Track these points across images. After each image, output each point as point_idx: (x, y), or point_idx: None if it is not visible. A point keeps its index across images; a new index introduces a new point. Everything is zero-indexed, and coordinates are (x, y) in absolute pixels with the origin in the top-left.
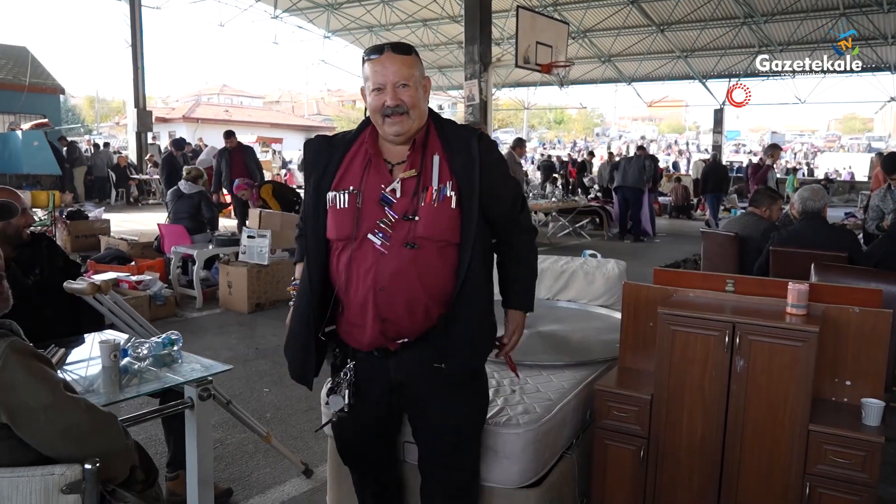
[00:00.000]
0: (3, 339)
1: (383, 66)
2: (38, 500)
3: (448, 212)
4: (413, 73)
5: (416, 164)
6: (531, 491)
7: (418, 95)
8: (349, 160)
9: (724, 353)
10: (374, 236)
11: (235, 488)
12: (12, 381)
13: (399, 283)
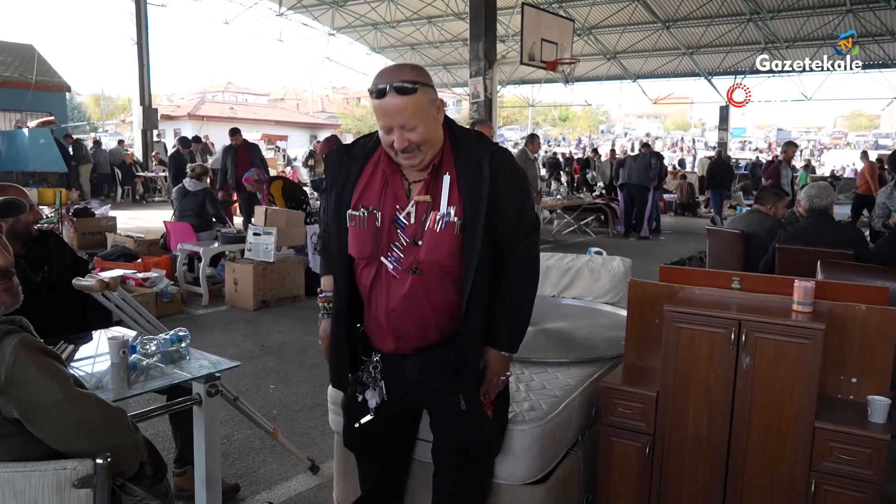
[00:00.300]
0: (14, 336)
1: (387, 110)
2: (50, 493)
3: (450, 237)
4: (419, 110)
5: (430, 188)
6: (537, 487)
7: (428, 129)
8: (369, 173)
9: (729, 350)
10: (387, 260)
11: (242, 484)
12: (23, 377)
13: (408, 306)
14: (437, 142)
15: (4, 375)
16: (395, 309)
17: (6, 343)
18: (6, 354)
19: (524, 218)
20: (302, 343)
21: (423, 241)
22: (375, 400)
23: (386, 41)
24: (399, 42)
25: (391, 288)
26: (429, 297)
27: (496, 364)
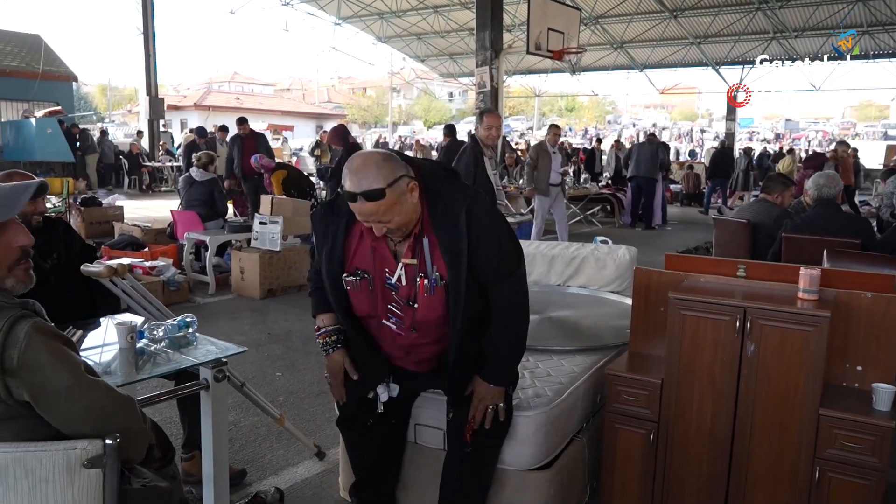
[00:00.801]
0: (28, 320)
1: (360, 211)
2: (60, 473)
3: (441, 298)
4: (392, 206)
5: (415, 251)
6: (542, 473)
7: (404, 214)
8: (357, 235)
9: (734, 337)
10: (388, 322)
11: (249, 469)
12: (35, 361)
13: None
14: (415, 215)
15: (17, 359)
16: (409, 351)
17: (20, 327)
18: (19, 338)
19: (505, 261)
20: (308, 332)
21: (418, 303)
22: (388, 394)
23: (392, 30)
24: (405, 31)
25: (397, 341)
26: (436, 341)
27: (482, 391)
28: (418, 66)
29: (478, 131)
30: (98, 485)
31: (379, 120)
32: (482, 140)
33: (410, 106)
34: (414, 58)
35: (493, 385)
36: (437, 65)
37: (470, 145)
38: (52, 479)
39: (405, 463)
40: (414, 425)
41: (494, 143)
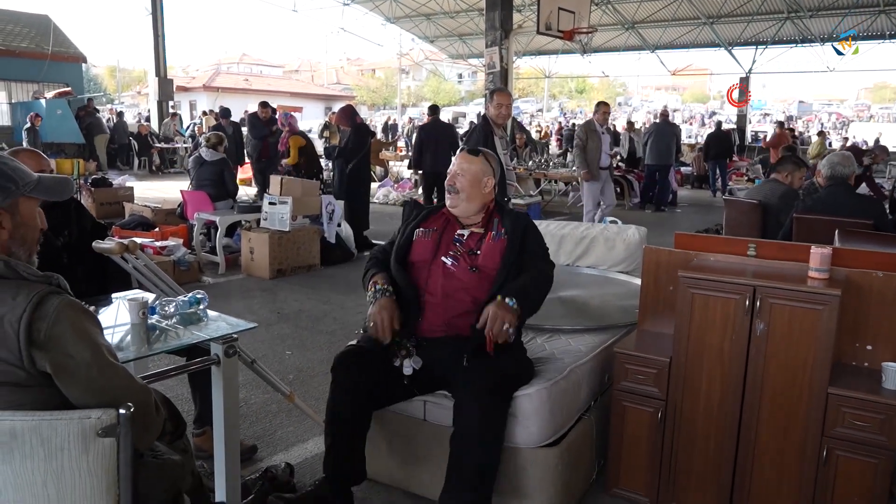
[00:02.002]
0: (58, 296)
1: (456, 159)
2: (75, 442)
3: (500, 248)
4: (470, 167)
5: (484, 223)
6: (550, 450)
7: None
8: (436, 217)
9: (744, 316)
10: (446, 258)
11: (260, 445)
12: (61, 335)
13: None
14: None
15: (45, 332)
16: (450, 294)
17: (50, 302)
18: (48, 312)
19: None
20: (317, 311)
21: (481, 250)
22: (412, 367)
23: (401, 11)
24: (414, 12)
25: (449, 279)
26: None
27: (497, 306)
28: (427, 47)
29: (488, 110)
30: (112, 454)
31: (388, 102)
32: (492, 119)
33: (419, 87)
34: (423, 39)
35: (502, 297)
36: (447, 46)
37: (480, 124)
38: (68, 447)
39: (416, 440)
40: (424, 402)
41: (505, 123)
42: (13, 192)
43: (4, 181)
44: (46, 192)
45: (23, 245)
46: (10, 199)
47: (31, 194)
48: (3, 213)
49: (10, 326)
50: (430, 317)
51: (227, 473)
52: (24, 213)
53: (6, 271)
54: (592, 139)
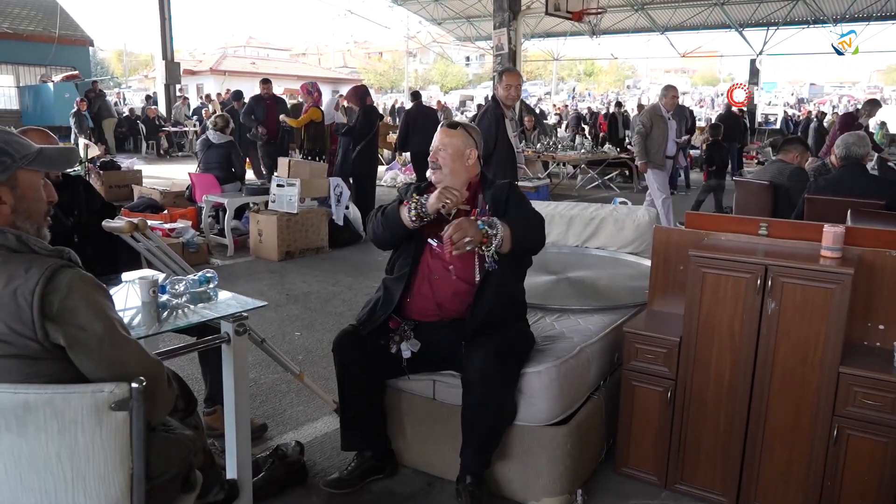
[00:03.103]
0: (72, 270)
1: (437, 135)
2: (89, 415)
3: None
4: (451, 141)
5: (469, 202)
6: (559, 428)
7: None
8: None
9: (755, 295)
10: (432, 240)
11: (270, 424)
12: (74, 308)
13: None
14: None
15: (57, 304)
16: (440, 277)
17: (63, 275)
18: (61, 285)
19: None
20: (325, 293)
21: None
22: (411, 351)
23: None
24: None
25: (435, 261)
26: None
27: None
28: (435, 29)
29: (497, 91)
30: (125, 428)
31: (395, 85)
32: (502, 100)
33: (427, 71)
34: (431, 21)
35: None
36: (454, 28)
37: (490, 106)
38: (81, 420)
39: (426, 419)
40: (433, 381)
41: (514, 104)
42: (10, 166)
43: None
44: (48, 163)
45: (28, 219)
46: (7, 172)
47: (30, 166)
48: (3, 187)
49: (23, 299)
50: (421, 300)
51: (239, 451)
52: (24, 187)
53: (18, 245)
54: (658, 126)
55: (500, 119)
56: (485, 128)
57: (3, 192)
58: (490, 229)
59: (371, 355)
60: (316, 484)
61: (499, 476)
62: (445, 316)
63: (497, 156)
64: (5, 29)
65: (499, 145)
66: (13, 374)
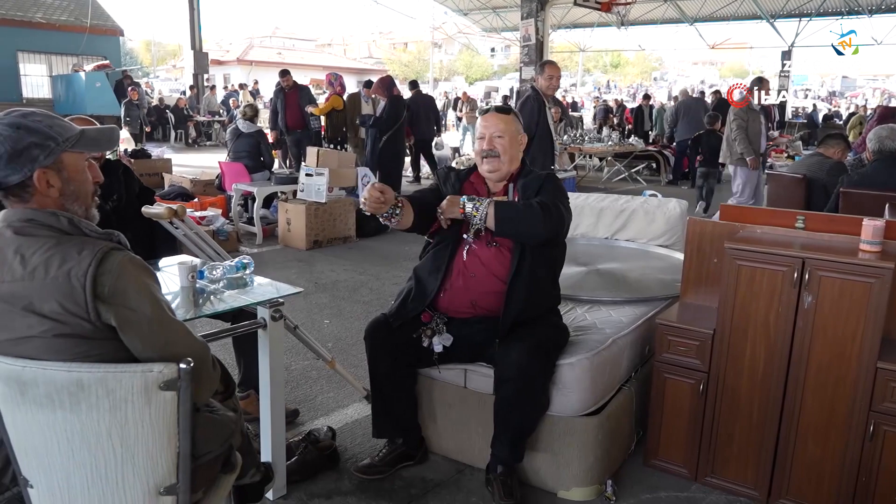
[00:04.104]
0: (122, 252)
1: (487, 122)
2: (138, 394)
3: None
4: (507, 127)
5: (505, 190)
6: (590, 419)
7: (510, 144)
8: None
9: (791, 288)
10: (467, 234)
11: (301, 410)
12: (124, 289)
13: (484, 271)
14: (515, 163)
15: (109, 286)
16: (475, 274)
17: (113, 257)
18: (113, 267)
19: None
20: (353, 281)
21: None
22: (442, 344)
23: None
24: None
25: (471, 256)
26: (499, 264)
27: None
28: (460, 20)
29: (537, 82)
30: (173, 407)
31: (419, 76)
32: (543, 91)
33: (452, 62)
34: (456, 11)
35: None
36: (480, 19)
37: (532, 95)
38: (131, 399)
39: (457, 407)
40: (464, 370)
41: (553, 95)
42: (55, 150)
43: (43, 139)
44: (91, 144)
45: (76, 201)
46: (53, 156)
47: (74, 149)
48: (49, 171)
49: (76, 280)
50: (455, 296)
51: (273, 434)
52: (70, 169)
53: (70, 228)
54: (754, 121)
55: (542, 107)
56: (527, 114)
57: (49, 176)
58: (471, 207)
59: (402, 345)
60: (347, 469)
61: (529, 465)
62: (479, 313)
63: (538, 143)
64: (39, 19)
65: (539, 132)
66: (67, 353)
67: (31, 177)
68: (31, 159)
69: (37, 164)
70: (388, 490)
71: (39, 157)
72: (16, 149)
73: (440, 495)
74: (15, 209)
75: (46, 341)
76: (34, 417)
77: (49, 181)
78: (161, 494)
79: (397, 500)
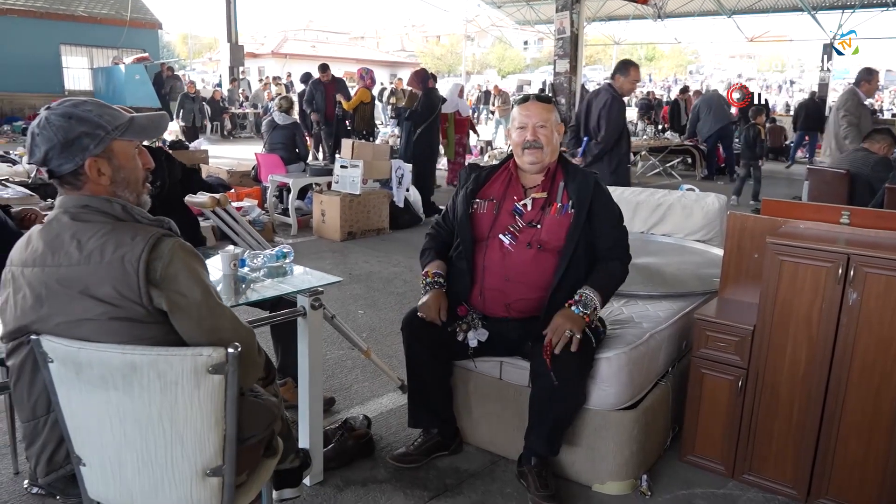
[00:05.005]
0: (173, 239)
1: (529, 111)
2: (188, 377)
3: (566, 223)
4: (549, 119)
5: (547, 188)
6: (626, 413)
7: (551, 133)
8: (493, 180)
9: (836, 285)
10: (503, 236)
11: (337, 398)
12: (175, 275)
13: (522, 274)
14: (555, 151)
15: (161, 271)
16: (510, 278)
17: (165, 243)
18: (164, 252)
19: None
20: (387, 273)
21: (543, 225)
22: (478, 339)
23: None
24: None
25: (508, 259)
26: (538, 268)
27: (559, 318)
28: (494, 12)
29: (618, 80)
30: (220, 390)
31: (452, 69)
32: (622, 91)
33: (484, 55)
34: (490, 4)
35: (570, 309)
36: (514, 11)
37: (613, 94)
38: (181, 381)
39: (491, 398)
40: (500, 362)
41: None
42: (104, 138)
43: (93, 128)
44: (141, 132)
45: (127, 188)
46: (102, 145)
47: (123, 137)
48: (100, 159)
49: (130, 265)
50: (489, 299)
51: (311, 421)
52: (120, 157)
53: (123, 214)
54: (866, 116)
55: (624, 108)
56: (615, 116)
57: (100, 164)
58: (585, 309)
59: (438, 337)
60: (382, 457)
61: (564, 458)
62: (513, 315)
63: (623, 145)
64: (80, 12)
65: (624, 134)
66: (121, 336)
67: (83, 165)
68: (82, 148)
69: (87, 153)
70: (422, 479)
71: (90, 145)
72: (67, 138)
73: (474, 486)
74: (71, 195)
75: (102, 324)
76: (88, 398)
77: (100, 169)
78: (207, 475)
79: (432, 490)
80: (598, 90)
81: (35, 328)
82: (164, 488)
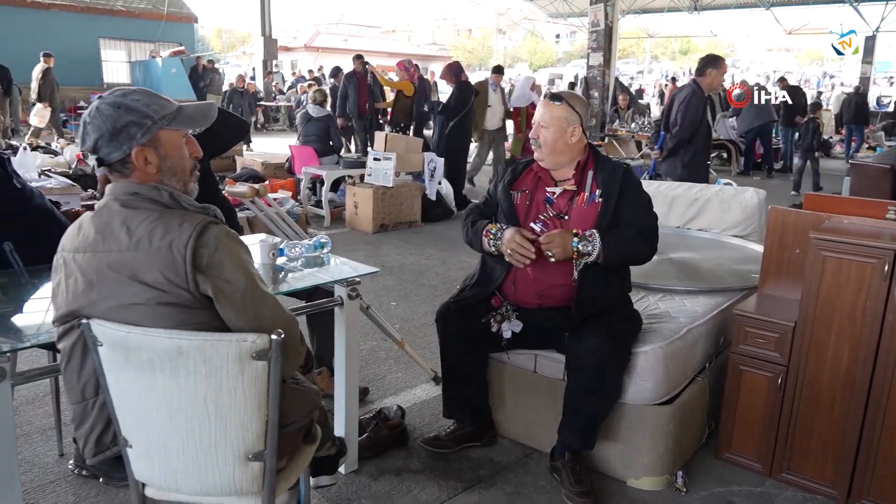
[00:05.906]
0: (218, 226)
1: (539, 108)
2: (233, 362)
3: (593, 213)
4: (555, 116)
5: (577, 181)
6: (662, 408)
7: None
8: (525, 174)
9: (881, 281)
10: (535, 224)
11: (371, 388)
12: (221, 262)
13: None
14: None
15: (207, 258)
16: (540, 264)
17: (211, 231)
18: (210, 240)
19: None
20: (419, 265)
21: (571, 215)
22: (511, 330)
23: None
24: None
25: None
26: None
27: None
28: (526, 5)
29: (709, 75)
30: (263, 376)
31: (483, 62)
32: (707, 87)
33: (516, 48)
34: None
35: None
36: (546, 4)
37: (696, 90)
38: (226, 366)
39: (526, 391)
40: (535, 355)
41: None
42: (151, 128)
43: (140, 118)
44: (188, 121)
45: (174, 176)
46: (149, 134)
47: (170, 126)
48: (147, 148)
49: (177, 252)
50: (522, 287)
51: (347, 410)
52: (167, 146)
53: (171, 202)
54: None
55: (706, 105)
56: (692, 111)
57: (147, 153)
58: (583, 247)
59: (473, 329)
60: (416, 448)
61: (598, 452)
62: (546, 303)
63: (698, 141)
64: (119, 7)
65: (701, 131)
66: (168, 321)
67: (130, 154)
68: (130, 137)
69: (134, 142)
70: (456, 470)
71: (137, 134)
72: (115, 127)
73: (508, 478)
74: (120, 183)
75: (150, 309)
76: (136, 381)
77: (147, 158)
78: (249, 460)
79: (465, 481)
80: (682, 86)
81: (85, 312)
82: (208, 471)
